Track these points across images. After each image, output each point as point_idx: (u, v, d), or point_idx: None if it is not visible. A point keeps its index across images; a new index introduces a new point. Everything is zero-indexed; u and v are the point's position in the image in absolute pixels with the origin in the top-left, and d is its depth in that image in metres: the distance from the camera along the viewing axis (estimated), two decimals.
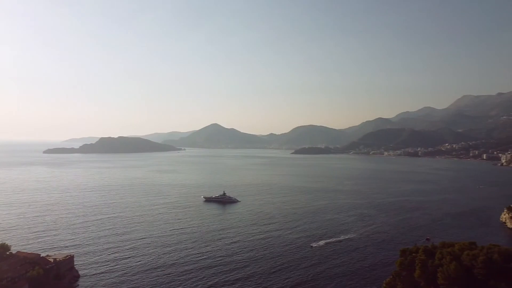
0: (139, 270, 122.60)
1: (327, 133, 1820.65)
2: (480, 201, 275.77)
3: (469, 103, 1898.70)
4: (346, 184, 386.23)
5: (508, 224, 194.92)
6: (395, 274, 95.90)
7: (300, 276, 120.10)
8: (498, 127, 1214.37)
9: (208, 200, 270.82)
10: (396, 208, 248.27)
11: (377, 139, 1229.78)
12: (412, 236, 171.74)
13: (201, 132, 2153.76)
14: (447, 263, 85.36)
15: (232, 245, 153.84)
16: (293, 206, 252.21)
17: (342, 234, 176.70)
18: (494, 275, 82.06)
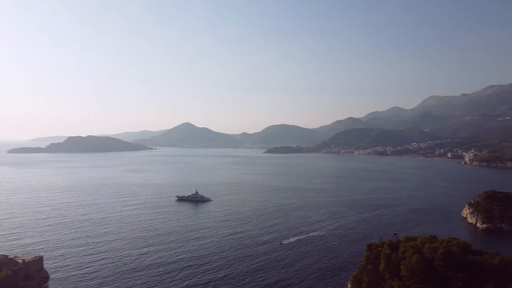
0: (111, 271, 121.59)
1: (299, 132, 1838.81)
2: (444, 198, 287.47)
3: (435, 104, 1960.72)
4: (317, 182, 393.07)
5: (468, 219, 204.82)
6: (361, 267, 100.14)
7: (271, 273, 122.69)
8: (462, 126, 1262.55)
9: (181, 199, 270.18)
10: (365, 205, 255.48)
11: (348, 139, 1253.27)
12: (380, 232, 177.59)
13: (173, 131, 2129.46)
14: (410, 256, 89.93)
15: (205, 245, 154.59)
16: (265, 204, 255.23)
17: (313, 231, 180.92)
18: (452, 267, 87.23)
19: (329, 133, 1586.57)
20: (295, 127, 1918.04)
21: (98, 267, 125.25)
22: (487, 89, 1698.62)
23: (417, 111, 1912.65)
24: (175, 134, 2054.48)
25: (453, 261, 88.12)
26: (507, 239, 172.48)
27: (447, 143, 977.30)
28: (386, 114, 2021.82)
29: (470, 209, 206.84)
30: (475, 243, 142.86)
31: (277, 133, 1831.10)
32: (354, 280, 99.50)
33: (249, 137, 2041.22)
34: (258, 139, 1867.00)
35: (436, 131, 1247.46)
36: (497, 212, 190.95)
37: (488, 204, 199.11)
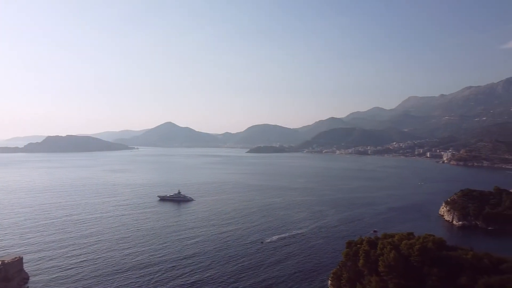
0: (93, 272, 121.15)
1: (282, 132, 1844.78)
2: (422, 196, 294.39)
3: (414, 104, 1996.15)
4: (300, 182, 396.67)
5: (445, 217, 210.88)
6: (341, 264, 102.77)
7: (255, 273, 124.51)
8: (440, 126, 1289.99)
9: (163, 199, 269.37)
10: (346, 204, 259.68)
11: (330, 138, 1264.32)
12: (360, 230, 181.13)
13: (155, 131, 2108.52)
14: (387, 252, 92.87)
15: (189, 245, 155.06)
16: (248, 204, 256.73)
17: (294, 229, 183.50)
18: (428, 262, 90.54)
19: (311, 132, 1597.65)
20: (277, 127, 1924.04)
21: (80, 268, 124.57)
22: (465, 90, 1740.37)
23: (397, 111, 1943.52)
24: (157, 133, 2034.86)
25: (428, 257, 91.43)
26: (481, 236, 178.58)
27: (426, 143, 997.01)
28: (367, 114, 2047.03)
29: (447, 207, 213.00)
30: (451, 239, 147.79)
31: (259, 133, 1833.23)
32: (334, 276, 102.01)
33: (232, 136, 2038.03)
34: (241, 139, 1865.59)
35: (416, 131, 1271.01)
36: (472, 209, 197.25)
37: (464, 202, 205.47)
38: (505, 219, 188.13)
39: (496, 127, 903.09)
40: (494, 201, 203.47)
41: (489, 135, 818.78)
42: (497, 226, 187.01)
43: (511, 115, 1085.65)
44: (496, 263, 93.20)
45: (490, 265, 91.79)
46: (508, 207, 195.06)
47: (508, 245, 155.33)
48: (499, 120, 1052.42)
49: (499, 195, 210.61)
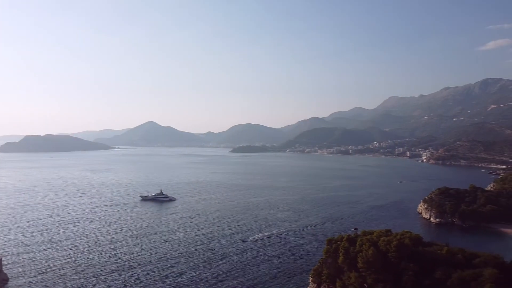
0: (75, 274, 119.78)
1: (265, 131, 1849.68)
2: (402, 195, 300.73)
3: (395, 104, 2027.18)
4: (282, 181, 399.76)
5: (423, 214, 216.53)
6: (321, 261, 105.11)
7: (238, 271, 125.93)
8: (420, 126, 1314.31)
9: (145, 199, 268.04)
10: (328, 202, 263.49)
11: (312, 138, 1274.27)
12: (341, 227, 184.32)
13: (136, 130, 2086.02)
14: (366, 248, 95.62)
15: (172, 245, 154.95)
16: (231, 203, 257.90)
17: (276, 228, 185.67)
18: (405, 258, 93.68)
19: (294, 132, 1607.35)
20: (260, 127, 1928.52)
21: (62, 270, 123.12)
22: (443, 90, 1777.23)
23: (378, 111, 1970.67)
24: (139, 133, 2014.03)
25: (405, 253, 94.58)
26: (457, 232, 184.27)
27: (406, 142, 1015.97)
28: (349, 114, 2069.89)
29: (425, 205, 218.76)
30: (428, 236, 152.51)
31: (242, 133, 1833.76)
32: (315, 273, 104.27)
33: (215, 136, 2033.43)
34: (224, 139, 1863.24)
35: (396, 131, 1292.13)
36: (449, 207, 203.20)
37: (441, 200, 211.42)
38: (480, 216, 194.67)
39: (473, 127, 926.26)
40: (469, 199, 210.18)
41: (466, 135, 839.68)
42: (472, 223, 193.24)
43: (488, 115, 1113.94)
44: (470, 257, 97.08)
45: (464, 259, 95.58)
46: (483, 204, 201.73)
47: (481, 241, 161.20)
48: (476, 120, 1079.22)
49: (474, 193, 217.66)
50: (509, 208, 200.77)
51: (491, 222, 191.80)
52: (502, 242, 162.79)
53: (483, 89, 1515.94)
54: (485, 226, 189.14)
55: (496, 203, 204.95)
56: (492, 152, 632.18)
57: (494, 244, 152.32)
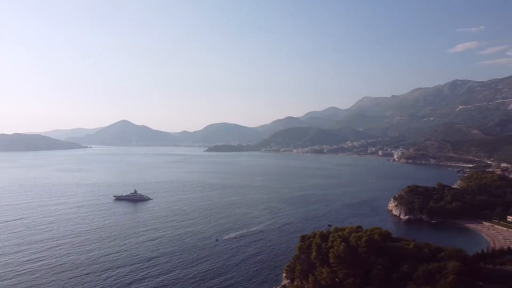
0: (49, 276, 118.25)
1: (240, 131, 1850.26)
2: (374, 193, 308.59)
3: (368, 104, 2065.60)
4: (257, 180, 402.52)
5: (393, 212, 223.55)
6: (295, 257, 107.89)
7: (213, 269, 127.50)
8: (392, 126, 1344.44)
9: (119, 198, 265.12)
10: (302, 200, 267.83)
11: (287, 137, 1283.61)
12: (315, 225, 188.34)
13: (109, 129, 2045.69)
14: (338, 244, 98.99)
15: (146, 245, 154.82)
16: (206, 202, 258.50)
17: (252, 226, 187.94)
18: (374, 252, 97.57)
19: (269, 131, 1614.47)
20: (236, 126, 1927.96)
21: (35, 273, 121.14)
22: (414, 91, 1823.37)
23: (352, 111, 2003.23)
24: (112, 132, 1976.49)
25: (374, 248, 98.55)
26: (425, 228, 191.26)
27: (379, 142, 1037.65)
28: (323, 114, 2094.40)
29: (395, 202, 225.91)
30: (397, 232, 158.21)
31: (218, 132, 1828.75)
32: (288, 269, 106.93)
33: (190, 135, 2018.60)
34: (199, 138, 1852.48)
35: (369, 131, 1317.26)
36: (418, 204, 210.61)
37: (410, 197, 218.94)
38: (446, 213, 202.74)
39: (442, 127, 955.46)
40: (437, 196, 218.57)
41: (436, 135, 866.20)
42: (439, 219, 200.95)
43: (456, 116, 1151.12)
44: (435, 252, 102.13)
45: (430, 253, 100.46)
46: (449, 201, 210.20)
47: (447, 236, 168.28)
48: (445, 120, 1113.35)
49: (442, 190, 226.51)
50: (473, 205, 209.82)
51: (456, 218, 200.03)
52: (466, 237, 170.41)
53: (452, 90, 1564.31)
54: (451, 222, 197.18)
55: (461, 200, 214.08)
56: (459, 151, 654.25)
57: (459, 239, 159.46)
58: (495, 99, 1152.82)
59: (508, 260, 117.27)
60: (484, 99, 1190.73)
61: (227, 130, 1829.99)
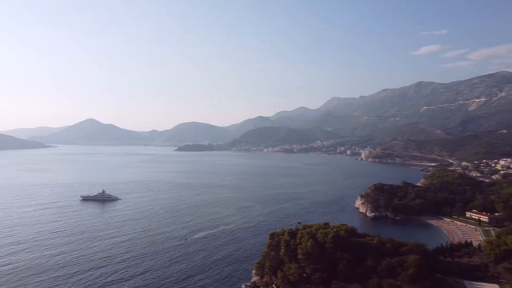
0: (16, 280, 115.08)
1: (210, 130, 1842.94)
2: (342, 191, 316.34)
3: (337, 105, 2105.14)
4: (228, 179, 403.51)
5: (360, 209, 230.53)
6: (264, 254, 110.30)
7: (183, 268, 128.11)
8: (360, 126, 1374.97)
9: (86, 199, 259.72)
10: (273, 199, 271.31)
11: (258, 137, 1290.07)
12: (285, 223, 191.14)
13: (75, 128, 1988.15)
14: (305, 241, 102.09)
15: (115, 244, 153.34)
16: (177, 202, 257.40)
17: (222, 225, 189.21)
18: (340, 248, 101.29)
19: (240, 131, 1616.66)
20: (206, 125, 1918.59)
21: (1, 276, 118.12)
22: (381, 92, 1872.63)
23: (321, 111, 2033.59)
24: (78, 131, 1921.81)
25: (340, 243, 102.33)
26: (389, 224, 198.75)
27: (347, 141, 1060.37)
28: (293, 114, 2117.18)
29: (362, 200, 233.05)
30: (363, 228, 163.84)
31: (188, 131, 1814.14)
32: (258, 266, 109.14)
33: (159, 134, 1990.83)
34: (169, 137, 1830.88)
35: (338, 130, 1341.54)
36: (383, 202, 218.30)
37: (376, 195, 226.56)
38: (410, 210, 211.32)
39: (407, 127, 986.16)
40: (401, 194, 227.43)
41: (401, 134, 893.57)
42: (403, 215, 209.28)
43: (421, 116, 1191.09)
44: (397, 246, 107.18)
45: (392, 248, 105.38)
46: (413, 199, 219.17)
47: (410, 232, 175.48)
48: (410, 120, 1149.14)
49: (406, 188, 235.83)
50: (435, 202, 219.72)
51: (419, 214, 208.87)
52: (428, 232, 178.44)
53: (417, 92, 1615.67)
54: (414, 218, 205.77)
55: (424, 197, 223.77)
56: (423, 151, 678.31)
57: (421, 234, 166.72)
58: (457, 100, 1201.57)
59: (465, 253, 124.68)
60: (447, 100, 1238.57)
61: (198, 130, 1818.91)
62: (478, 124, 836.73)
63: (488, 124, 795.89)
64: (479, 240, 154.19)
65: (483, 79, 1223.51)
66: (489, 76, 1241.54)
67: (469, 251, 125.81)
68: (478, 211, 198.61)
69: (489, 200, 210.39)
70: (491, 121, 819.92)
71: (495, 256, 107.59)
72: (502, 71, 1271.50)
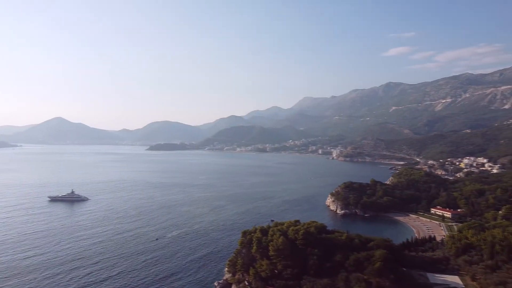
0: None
1: (183, 129, 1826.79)
2: (313, 189, 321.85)
3: (309, 104, 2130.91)
4: (201, 178, 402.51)
5: (331, 207, 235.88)
6: (236, 252, 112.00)
7: (156, 268, 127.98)
8: (331, 126, 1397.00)
9: (54, 199, 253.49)
10: (245, 198, 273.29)
11: (231, 136, 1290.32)
12: (258, 221, 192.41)
13: (42, 127, 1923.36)
14: (277, 238, 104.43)
15: (85, 247, 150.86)
16: (148, 201, 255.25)
17: (195, 224, 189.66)
18: (310, 244, 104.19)
19: (213, 130, 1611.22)
20: (178, 124, 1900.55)
21: None
22: (352, 92, 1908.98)
23: (294, 110, 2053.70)
24: (45, 130, 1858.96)
25: (311, 240, 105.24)
26: (358, 221, 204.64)
27: (319, 141, 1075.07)
28: (266, 113, 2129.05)
29: (332, 198, 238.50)
30: (334, 225, 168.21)
31: (160, 130, 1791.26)
32: (230, 263, 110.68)
33: (130, 133, 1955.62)
34: (140, 136, 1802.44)
35: (310, 130, 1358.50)
36: (352, 199, 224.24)
37: (346, 193, 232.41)
38: (378, 207, 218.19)
39: (377, 127, 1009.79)
40: (370, 192, 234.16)
41: (371, 134, 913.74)
42: (372, 212, 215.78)
43: (390, 116, 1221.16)
44: (365, 242, 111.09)
45: (360, 244, 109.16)
46: (381, 196, 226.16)
47: (378, 228, 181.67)
48: (379, 120, 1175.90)
49: (374, 186, 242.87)
50: (402, 199, 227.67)
51: (387, 211, 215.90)
52: (394, 229, 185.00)
53: (386, 92, 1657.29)
54: (382, 215, 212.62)
55: (392, 195, 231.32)
56: (392, 150, 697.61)
57: (388, 230, 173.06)
58: (424, 101, 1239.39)
59: (429, 247, 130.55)
60: (415, 100, 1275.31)
61: (170, 129, 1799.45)
62: (444, 124, 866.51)
63: (453, 124, 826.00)
64: (443, 235, 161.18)
65: (449, 80, 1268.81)
66: (454, 77, 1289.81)
67: (433, 246, 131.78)
68: (442, 208, 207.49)
69: (452, 197, 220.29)
70: (456, 121, 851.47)
71: (456, 250, 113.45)
72: (466, 73, 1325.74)
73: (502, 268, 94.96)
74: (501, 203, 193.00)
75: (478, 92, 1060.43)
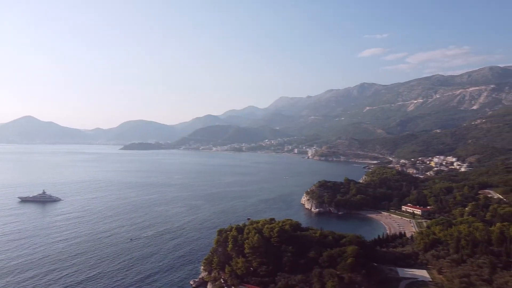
0: None
1: (158, 128, 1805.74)
2: (289, 188, 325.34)
3: (285, 104, 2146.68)
4: (177, 178, 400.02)
5: (306, 205, 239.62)
6: (212, 250, 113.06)
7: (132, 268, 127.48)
8: (307, 125, 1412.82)
9: (25, 200, 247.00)
10: (221, 197, 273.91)
11: (207, 135, 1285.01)
12: (233, 219, 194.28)
13: (10, 126, 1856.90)
14: (252, 236, 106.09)
15: (59, 248, 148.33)
16: (123, 201, 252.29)
17: (171, 223, 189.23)
18: (285, 241, 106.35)
19: (189, 129, 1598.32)
20: (153, 123, 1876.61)
21: None
22: (327, 92, 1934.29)
23: (270, 110, 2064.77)
24: (14, 128, 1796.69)
25: (285, 237, 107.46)
26: (332, 219, 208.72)
27: (295, 140, 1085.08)
28: (242, 113, 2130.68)
29: (307, 197, 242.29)
30: (308, 223, 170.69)
31: (134, 129, 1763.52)
32: (206, 262, 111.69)
33: (104, 133, 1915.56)
34: (114, 135, 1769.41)
35: (286, 129, 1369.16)
36: (327, 198, 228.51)
37: (320, 191, 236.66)
38: (351, 205, 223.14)
39: (351, 126, 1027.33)
40: (344, 190, 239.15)
41: (346, 133, 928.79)
42: (345, 210, 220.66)
43: (364, 116, 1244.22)
44: (338, 238, 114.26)
45: (333, 240, 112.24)
46: (354, 194, 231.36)
47: (351, 225, 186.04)
48: (354, 120, 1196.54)
49: (348, 185, 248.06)
50: (375, 197, 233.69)
51: (360, 209, 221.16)
52: (367, 226, 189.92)
53: (360, 92, 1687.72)
54: (356, 213, 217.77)
55: (365, 193, 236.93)
56: (366, 149, 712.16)
57: (361, 227, 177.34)
58: (397, 101, 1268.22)
59: (399, 243, 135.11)
60: (388, 101, 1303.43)
61: (145, 128, 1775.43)
62: (416, 124, 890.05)
63: (424, 124, 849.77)
64: (412, 231, 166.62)
65: (420, 81, 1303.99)
66: (426, 78, 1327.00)
67: (403, 241, 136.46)
68: (413, 205, 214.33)
69: (423, 195, 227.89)
70: (427, 121, 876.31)
71: (424, 245, 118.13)
72: (437, 74, 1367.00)
73: (466, 262, 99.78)
74: (467, 200, 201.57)
75: (448, 93, 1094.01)
